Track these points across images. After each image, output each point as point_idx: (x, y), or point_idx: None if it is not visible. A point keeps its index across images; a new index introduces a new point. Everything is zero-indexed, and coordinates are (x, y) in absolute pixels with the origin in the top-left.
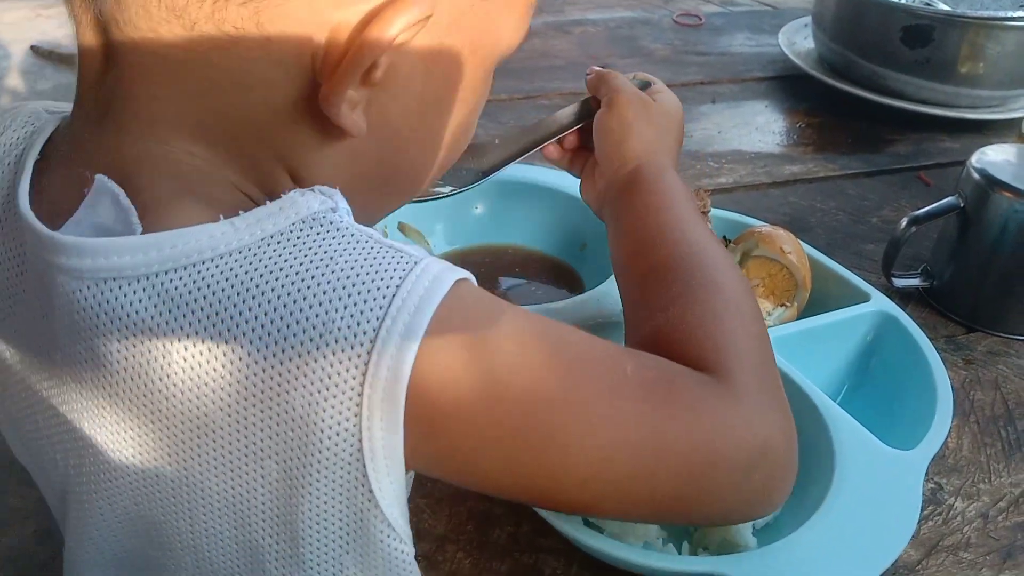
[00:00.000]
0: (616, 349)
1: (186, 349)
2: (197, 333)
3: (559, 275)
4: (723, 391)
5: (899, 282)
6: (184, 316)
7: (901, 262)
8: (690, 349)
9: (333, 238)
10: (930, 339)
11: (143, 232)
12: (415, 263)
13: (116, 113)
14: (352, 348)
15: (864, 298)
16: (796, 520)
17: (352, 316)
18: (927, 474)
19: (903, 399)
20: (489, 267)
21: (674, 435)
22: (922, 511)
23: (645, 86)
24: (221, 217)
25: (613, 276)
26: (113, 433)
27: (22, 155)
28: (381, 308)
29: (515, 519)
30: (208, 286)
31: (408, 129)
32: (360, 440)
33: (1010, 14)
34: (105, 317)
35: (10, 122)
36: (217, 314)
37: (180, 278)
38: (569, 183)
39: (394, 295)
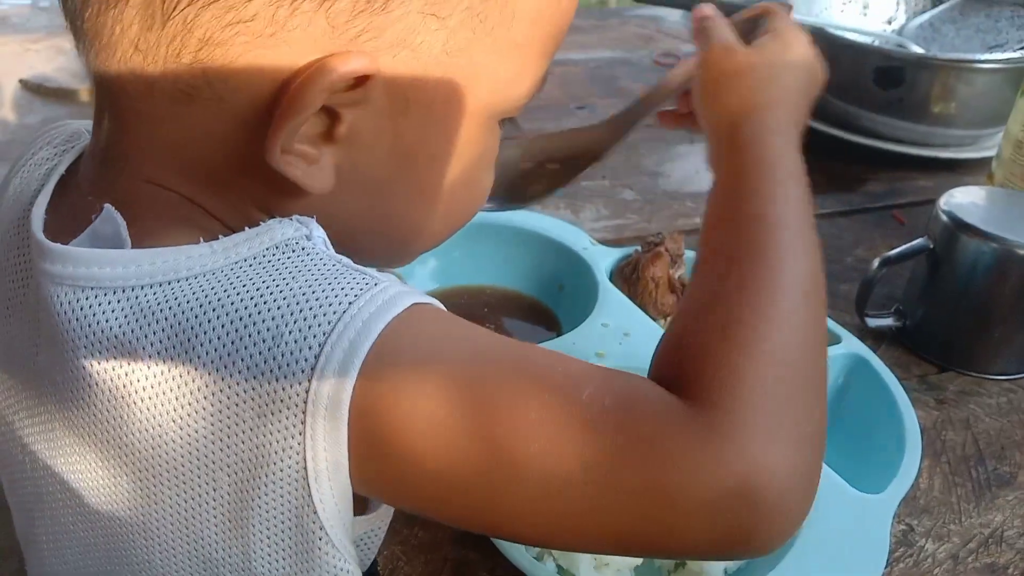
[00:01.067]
0: (578, 370)
1: (150, 360)
2: (162, 343)
3: (536, 316)
4: (696, 423)
5: (873, 322)
6: (151, 327)
7: (875, 302)
8: (690, 365)
9: (301, 260)
10: (903, 379)
11: None
12: (374, 284)
13: (112, 151)
14: (297, 364)
15: (835, 340)
16: (767, 564)
17: (300, 332)
18: (898, 516)
19: (872, 442)
20: (466, 307)
21: (625, 470)
22: (893, 553)
23: (752, 27)
24: (202, 240)
25: (591, 317)
26: (78, 440)
27: (50, 172)
28: (329, 324)
29: (490, 564)
30: (178, 303)
31: (388, 184)
32: (304, 458)
33: (979, 56)
34: (76, 324)
35: (50, 139)
36: (180, 326)
37: (154, 294)
38: (545, 224)
39: (344, 312)
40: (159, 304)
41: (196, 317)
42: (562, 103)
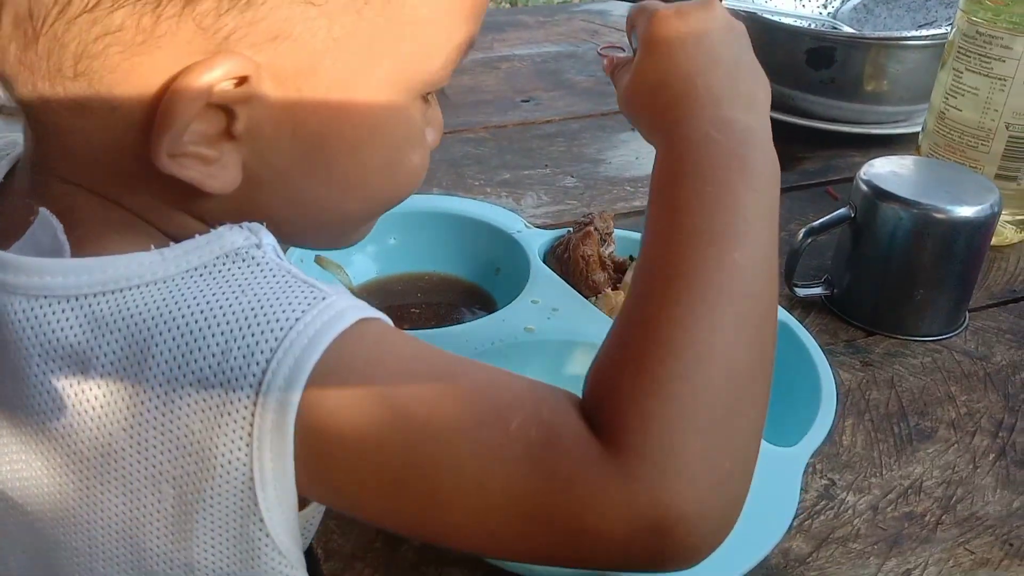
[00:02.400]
0: (509, 396)
1: (102, 369)
2: (115, 354)
3: (474, 299)
4: (609, 466)
5: (801, 291)
6: (104, 338)
7: (806, 273)
8: (606, 404)
9: (251, 272)
10: (830, 344)
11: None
12: (322, 299)
13: (38, 158)
14: (245, 379)
15: None
16: None
17: (248, 347)
18: (820, 472)
19: (791, 401)
20: (403, 294)
21: (544, 506)
22: (815, 506)
23: None
24: (152, 247)
25: (522, 295)
26: (24, 446)
27: None
28: (276, 340)
29: None
30: (130, 312)
31: (299, 174)
32: (251, 469)
33: (907, 33)
34: (31, 332)
35: None
36: (134, 337)
37: (107, 302)
38: (480, 210)
39: (291, 328)
40: (112, 314)
41: (148, 329)
42: (507, 96)
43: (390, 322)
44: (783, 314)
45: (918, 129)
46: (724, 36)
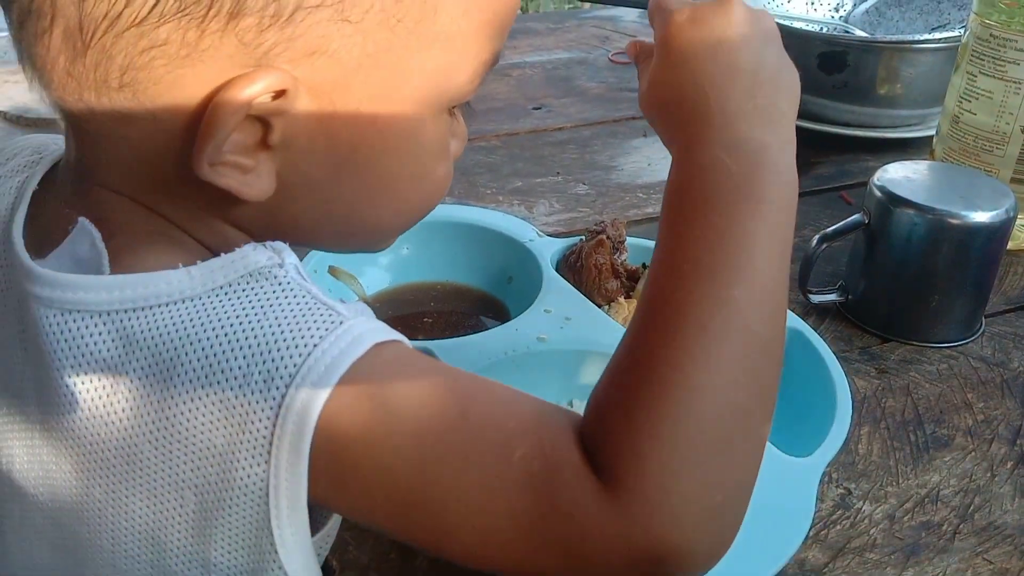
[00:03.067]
0: (515, 423)
1: (131, 382)
2: (143, 369)
3: (487, 308)
4: (606, 502)
5: (816, 298)
6: (134, 354)
7: (820, 279)
8: (602, 440)
9: (273, 292)
10: (845, 351)
11: (112, 273)
12: (340, 323)
13: (80, 165)
14: (266, 402)
15: None
16: None
17: (269, 372)
18: (836, 481)
19: (806, 410)
20: (416, 303)
21: (545, 533)
22: (831, 515)
23: None
24: (180, 265)
25: (535, 304)
26: (54, 449)
27: (24, 183)
28: (295, 367)
29: None
30: (159, 331)
31: (331, 184)
32: (267, 486)
33: (919, 37)
34: (65, 345)
35: (19, 150)
36: (162, 355)
37: (138, 319)
38: (492, 219)
39: (309, 355)
40: (142, 331)
41: (176, 348)
42: (519, 104)
43: (407, 342)
44: (797, 322)
45: (932, 133)
46: (743, 42)
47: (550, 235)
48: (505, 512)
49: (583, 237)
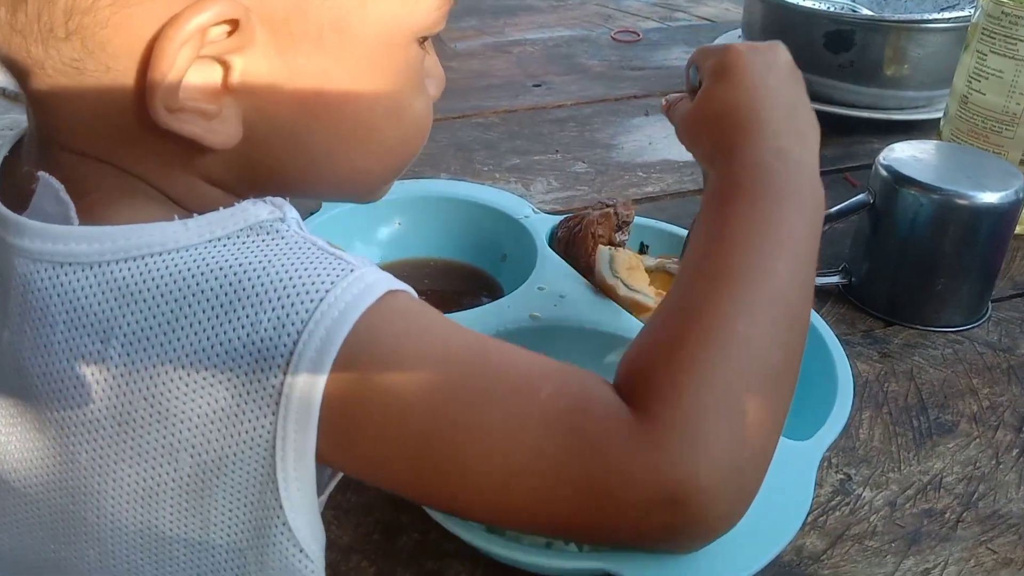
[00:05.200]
0: (539, 369)
1: (125, 338)
2: (138, 323)
3: (480, 285)
4: (636, 433)
5: (818, 280)
6: (128, 305)
7: (823, 261)
8: (640, 377)
9: (276, 244)
10: (847, 335)
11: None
12: (351, 271)
13: (40, 128)
14: (277, 350)
15: None
16: None
17: (279, 319)
18: (836, 466)
19: (807, 394)
20: (408, 280)
21: (570, 468)
22: (830, 501)
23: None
24: (176, 217)
25: (528, 281)
26: (37, 415)
27: None
28: (307, 312)
29: (422, 527)
30: (153, 279)
31: (302, 126)
32: (274, 438)
33: (928, 16)
34: (58, 300)
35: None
36: (159, 307)
37: (129, 269)
38: (487, 195)
39: (322, 299)
40: (136, 282)
41: (176, 299)
42: (518, 81)
43: (415, 294)
44: None
45: (939, 115)
46: (787, 78)
47: (547, 212)
48: (528, 448)
49: (589, 210)
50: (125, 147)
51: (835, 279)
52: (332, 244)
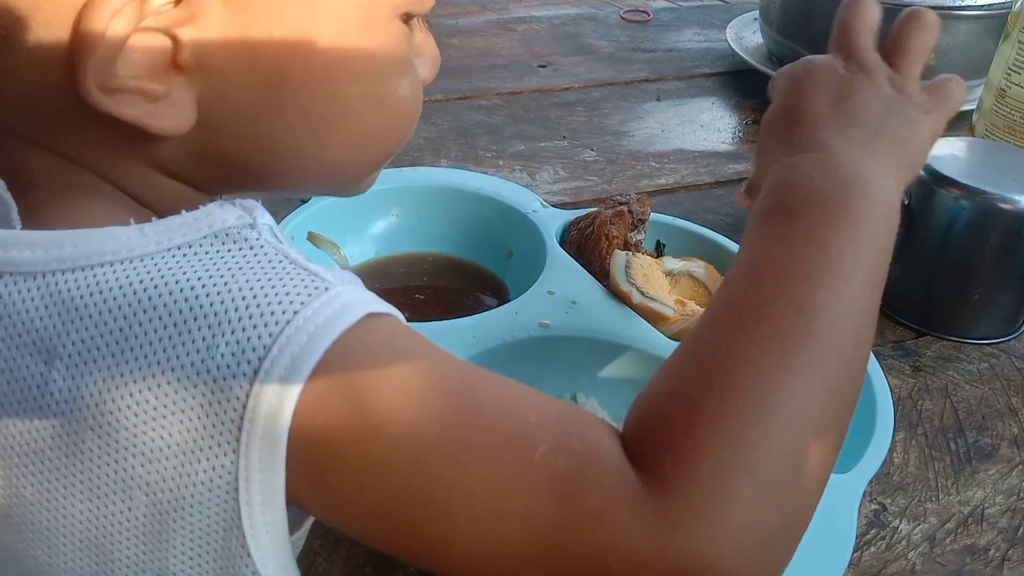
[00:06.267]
0: (537, 416)
1: (69, 359)
2: (84, 342)
3: (483, 284)
4: (645, 505)
5: None
6: (74, 322)
7: None
8: (653, 434)
9: (243, 255)
10: (876, 345)
11: (24, 228)
12: (326, 288)
13: None
14: (234, 379)
15: None
16: None
17: (238, 343)
18: (870, 494)
19: None
20: (405, 277)
21: (565, 541)
22: (864, 536)
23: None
24: (132, 221)
25: (537, 284)
26: None
27: None
28: (271, 335)
29: None
30: (102, 292)
31: (266, 112)
32: (236, 479)
33: (960, 3)
34: (3, 312)
35: None
36: (107, 324)
37: (76, 280)
38: (492, 186)
39: (288, 322)
40: (82, 294)
41: (123, 313)
42: (523, 61)
43: (402, 318)
44: None
45: (967, 107)
46: (876, 102)
47: (555, 206)
48: (519, 515)
49: (602, 207)
50: (70, 134)
51: None
52: (327, 243)
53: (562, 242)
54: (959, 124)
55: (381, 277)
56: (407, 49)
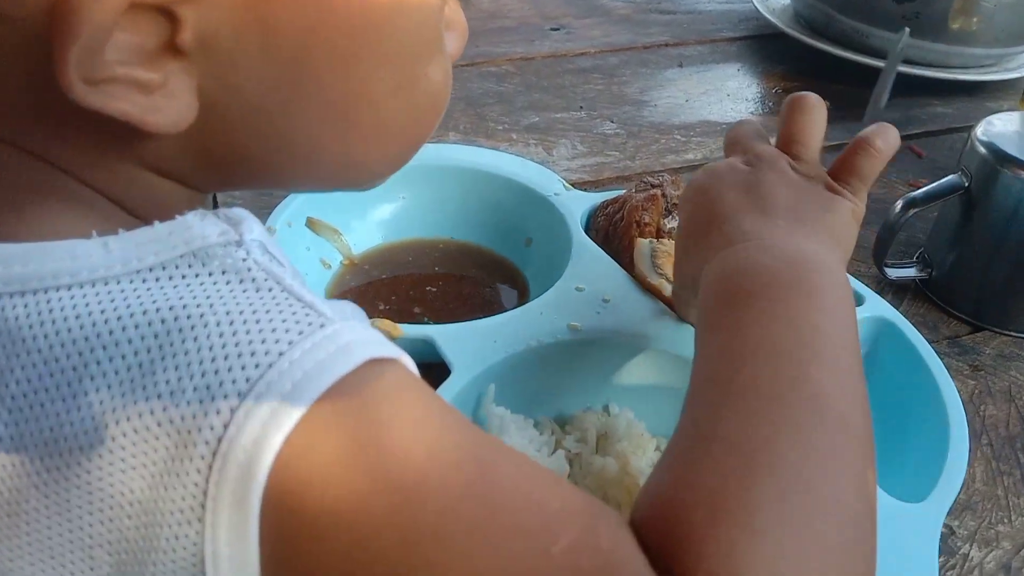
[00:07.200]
0: (557, 507)
1: (13, 400)
2: (30, 382)
3: (500, 275)
4: None
5: (894, 273)
6: (19, 356)
7: (894, 248)
8: (676, 526)
9: (225, 280)
10: (931, 341)
11: None
12: (321, 325)
13: None
14: (200, 432)
15: (856, 301)
16: None
17: (208, 388)
18: None
19: (907, 432)
20: (414, 266)
21: None
22: None
23: None
24: (95, 233)
25: (563, 279)
26: None
27: None
28: (248, 381)
29: None
30: (54, 322)
31: (280, 103)
32: (202, 553)
33: None
34: None
35: None
36: (58, 360)
37: (24, 305)
38: (510, 165)
39: (272, 364)
40: (30, 323)
41: (78, 349)
42: (534, 23)
43: (411, 364)
44: (892, 314)
45: (1011, 76)
46: (784, 187)
47: (575, 185)
48: None
49: (633, 188)
50: (47, 130)
51: (912, 271)
52: (327, 229)
53: (587, 229)
54: (1004, 93)
55: (388, 266)
56: (440, 26)
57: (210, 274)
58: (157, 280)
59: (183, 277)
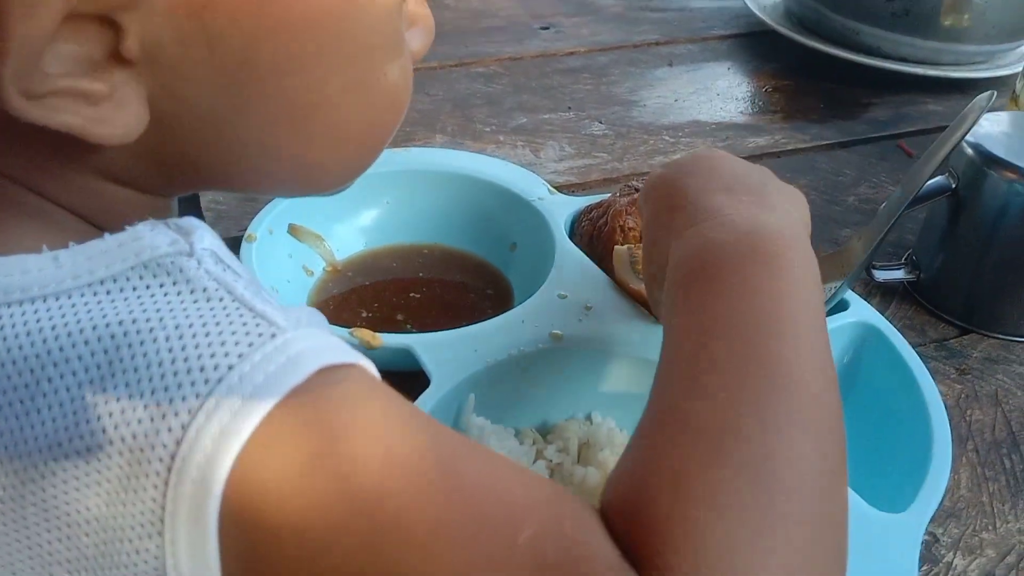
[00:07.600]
0: (521, 497)
1: None
2: None
3: (484, 281)
4: None
5: (881, 275)
6: None
7: (882, 250)
8: (641, 520)
9: (176, 291)
10: (917, 344)
11: None
12: (272, 335)
13: None
14: (154, 450)
15: (840, 306)
16: None
17: (158, 406)
18: None
19: (890, 441)
20: (398, 271)
21: None
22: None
23: None
24: (45, 248)
25: (545, 286)
26: None
27: None
28: (197, 397)
29: None
30: (5, 339)
31: (231, 109)
32: (164, 567)
33: None
34: None
35: None
36: (9, 379)
37: None
38: (494, 169)
39: (221, 379)
40: None
41: (31, 368)
42: (522, 22)
43: (372, 369)
44: (877, 319)
45: (1003, 72)
46: (744, 168)
47: (562, 188)
48: None
49: (618, 192)
50: (14, 137)
51: (900, 273)
52: (309, 235)
53: (572, 234)
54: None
55: (372, 272)
56: (399, 23)
57: (161, 285)
58: (108, 293)
59: (134, 289)
